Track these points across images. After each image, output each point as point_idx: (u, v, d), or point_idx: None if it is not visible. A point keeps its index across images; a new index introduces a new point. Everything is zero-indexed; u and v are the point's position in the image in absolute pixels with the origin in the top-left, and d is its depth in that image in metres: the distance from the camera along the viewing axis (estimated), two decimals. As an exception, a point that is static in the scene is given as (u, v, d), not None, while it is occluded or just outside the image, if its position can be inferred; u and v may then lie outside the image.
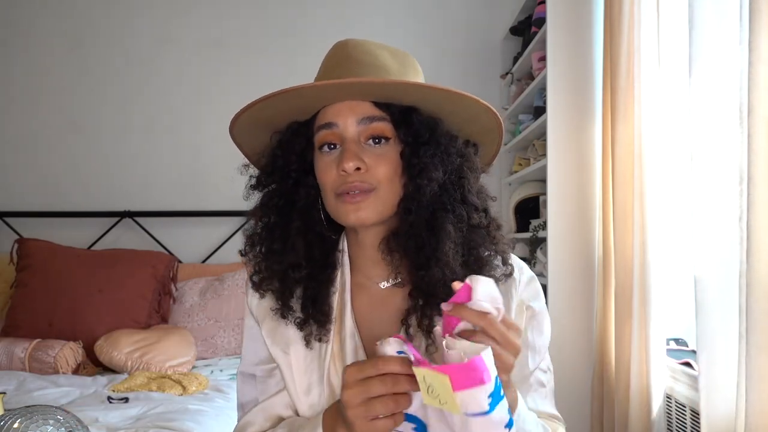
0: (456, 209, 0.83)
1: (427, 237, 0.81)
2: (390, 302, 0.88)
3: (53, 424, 1.16)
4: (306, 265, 0.86)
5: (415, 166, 0.82)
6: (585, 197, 2.37)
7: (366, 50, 0.87)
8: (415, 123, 0.83)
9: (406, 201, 0.83)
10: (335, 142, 0.83)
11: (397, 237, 0.84)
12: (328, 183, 0.83)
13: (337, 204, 0.83)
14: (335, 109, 0.83)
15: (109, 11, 3.23)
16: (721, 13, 1.52)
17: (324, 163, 0.84)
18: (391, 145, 0.83)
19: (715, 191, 1.54)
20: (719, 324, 1.52)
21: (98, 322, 2.52)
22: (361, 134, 0.83)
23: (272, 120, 0.87)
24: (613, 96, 2.04)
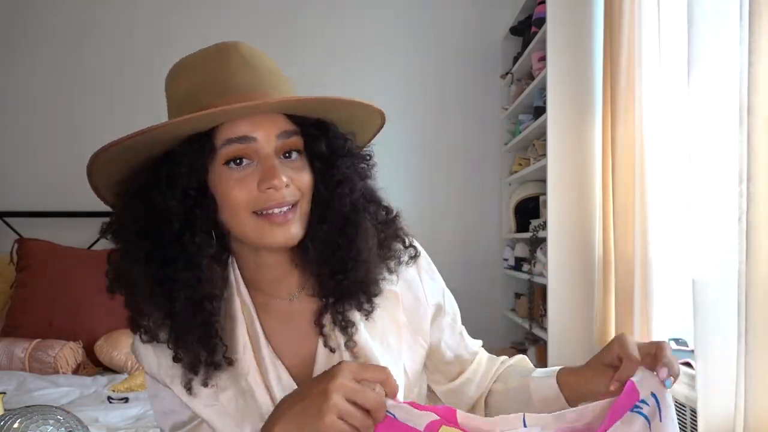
0: (368, 208, 0.85)
1: (342, 241, 0.82)
2: (300, 313, 0.86)
3: (53, 424, 1.16)
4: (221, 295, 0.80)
5: (333, 176, 0.82)
6: (585, 197, 2.37)
7: (256, 55, 0.84)
8: (331, 137, 0.82)
9: (320, 210, 0.82)
10: (248, 156, 0.77)
11: (312, 248, 0.82)
12: (243, 201, 0.76)
13: (259, 224, 0.77)
14: (250, 123, 0.76)
15: (109, 11, 3.23)
16: (720, 13, 1.52)
17: (234, 179, 0.76)
18: (303, 158, 0.81)
19: (715, 191, 1.54)
20: (717, 324, 1.52)
21: (98, 322, 2.52)
22: (278, 149, 0.78)
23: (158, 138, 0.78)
24: (613, 96, 2.04)
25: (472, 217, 3.24)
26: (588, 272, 2.35)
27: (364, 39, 3.20)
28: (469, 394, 0.96)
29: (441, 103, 3.21)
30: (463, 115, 3.24)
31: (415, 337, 0.90)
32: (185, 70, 0.84)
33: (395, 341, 0.88)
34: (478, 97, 3.26)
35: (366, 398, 0.66)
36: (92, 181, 0.83)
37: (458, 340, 0.96)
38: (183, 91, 0.82)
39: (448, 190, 3.21)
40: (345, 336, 0.83)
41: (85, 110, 3.20)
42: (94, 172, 0.81)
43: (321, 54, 3.14)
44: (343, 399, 0.65)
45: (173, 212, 0.76)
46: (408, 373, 0.90)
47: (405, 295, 0.89)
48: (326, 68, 3.14)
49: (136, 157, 0.79)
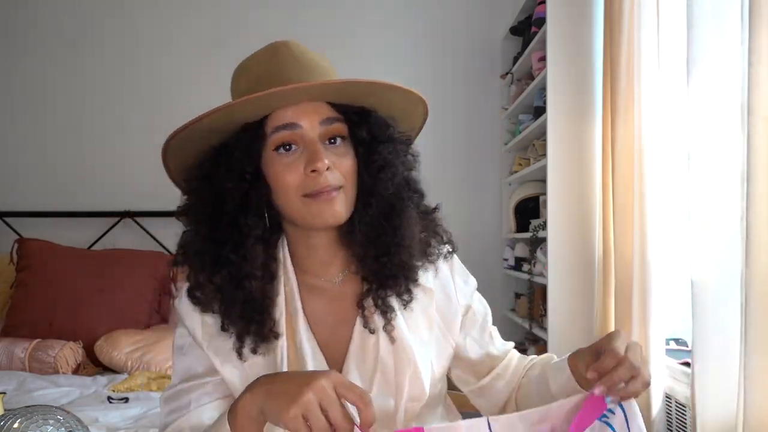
0: (411, 197, 0.89)
1: (387, 226, 0.86)
2: (342, 295, 0.91)
3: (53, 424, 1.16)
4: (262, 274, 0.85)
5: (376, 162, 0.86)
6: (585, 197, 2.37)
7: (305, 53, 0.89)
8: (373, 123, 0.86)
9: (366, 196, 0.86)
10: (294, 142, 0.83)
11: (358, 230, 0.87)
12: (292, 185, 0.82)
13: (307, 205, 0.82)
14: (295, 110, 0.82)
15: (109, 12, 3.23)
16: (720, 13, 1.52)
17: (284, 164, 0.83)
18: (347, 144, 0.86)
19: (714, 191, 1.54)
20: (717, 324, 1.52)
21: (98, 322, 2.52)
22: (322, 135, 0.83)
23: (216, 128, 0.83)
24: (613, 96, 2.04)
25: (472, 217, 3.24)
26: (588, 272, 2.35)
27: (364, 39, 3.20)
28: (499, 389, 0.99)
29: (441, 103, 3.21)
30: (463, 115, 3.24)
31: (444, 335, 0.94)
32: (244, 70, 0.90)
33: (427, 335, 0.92)
34: (478, 97, 3.25)
35: (337, 414, 0.65)
36: (165, 163, 0.90)
37: (488, 340, 1.00)
38: (242, 89, 0.87)
39: (448, 189, 3.21)
40: (384, 320, 0.87)
41: (85, 110, 3.20)
42: (168, 155, 0.88)
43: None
44: (315, 402, 0.65)
45: (230, 195, 0.82)
46: (434, 368, 0.93)
47: (438, 294, 0.94)
48: (326, 68, 3.13)
49: (198, 145, 0.85)
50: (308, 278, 0.91)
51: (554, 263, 2.37)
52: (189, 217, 0.88)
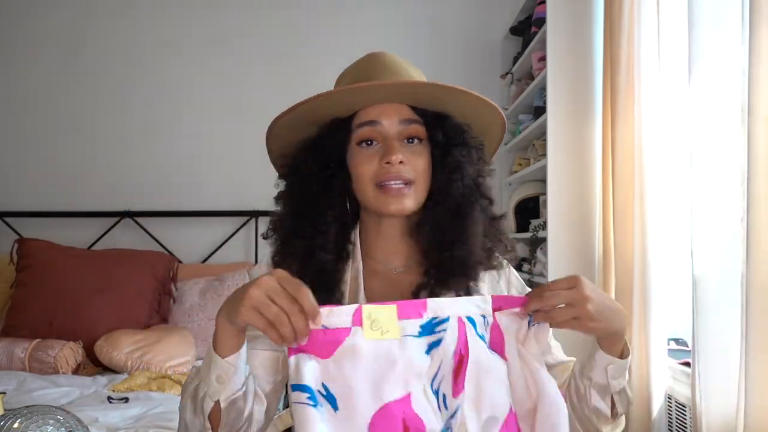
0: (479, 201, 0.97)
1: (453, 224, 0.94)
2: (402, 284, 0.97)
3: (53, 424, 1.16)
4: (333, 249, 0.94)
5: (448, 164, 0.95)
6: (585, 197, 2.36)
7: (397, 63, 0.99)
8: (448, 127, 0.96)
9: (437, 195, 0.95)
10: (375, 138, 0.93)
11: (425, 226, 0.95)
12: (368, 174, 0.93)
13: (379, 194, 0.93)
14: (379, 109, 0.93)
15: (109, 12, 3.23)
16: (720, 13, 1.52)
17: (363, 156, 0.93)
18: (424, 145, 0.95)
19: (715, 191, 1.54)
20: (718, 323, 1.52)
21: (98, 322, 2.52)
22: (400, 133, 0.93)
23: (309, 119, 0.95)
24: (613, 96, 2.04)
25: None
26: (588, 272, 2.35)
27: (364, 39, 3.20)
28: None
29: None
30: (463, 115, 3.23)
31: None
32: (343, 76, 1.01)
33: None
34: (479, 97, 3.25)
35: (283, 301, 0.74)
36: (268, 145, 1.01)
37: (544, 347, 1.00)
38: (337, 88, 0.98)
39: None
40: None
41: (85, 110, 3.20)
42: (270, 140, 0.99)
43: (319, 54, 3.14)
44: (262, 294, 0.74)
45: (314, 180, 0.94)
46: None
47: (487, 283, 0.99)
48: (324, 68, 3.13)
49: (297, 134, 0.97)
50: (373, 263, 0.99)
51: (554, 263, 2.37)
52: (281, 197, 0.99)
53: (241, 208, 3.10)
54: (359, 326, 0.79)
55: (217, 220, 3.14)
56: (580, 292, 0.82)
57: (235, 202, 3.11)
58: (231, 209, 3.11)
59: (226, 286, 2.76)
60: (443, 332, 0.83)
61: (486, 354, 0.84)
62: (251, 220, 3.12)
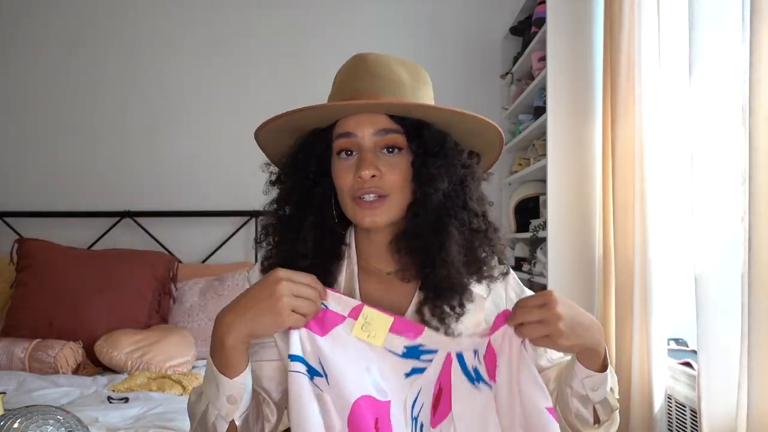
0: (458, 214, 0.93)
1: (432, 238, 0.91)
2: (396, 286, 0.97)
3: (53, 424, 1.15)
4: (311, 256, 0.93)
5: (423, 175, 0.91)
6: (585, 197, 2.37)
7: (383, 64, 0.96)
8: (426, 136, 0.92)
9: (415, 206, 0.92)
10: (353, 149, 0.92)
11: (404, 238, 0.94)
12: (345, 186, 0.92)
13: (354, 207, 0.92)
14: (355, 121, 0.91)
15: (109, 12, 3.23)
16: (720, 13, 1.52)
17: (341, 168, 0.93)
18: (404, 154, 0.92)
19: (716, 190, 1.54)
20: (719, 323, 1.52)
21: (98, 322, 2.52)
22: (377, 144, 0.91)
23: (295, 126, 0.95)
24: (613, 96, 2.04)
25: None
26: (588, 272, 2.35)
27: (364, 39, 3.20)
28: None
29: (441, 103, 3.20)
30: (463, 115, 3.23)
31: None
32: (335, 78, 1.00)
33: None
34: (478, 97, 3.25)
35: (307, 293, 0.82)
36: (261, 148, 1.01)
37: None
38: (330, 94, 0.99)
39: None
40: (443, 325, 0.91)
41: (86, 110, 3.20)
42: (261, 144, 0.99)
43: (318, 54, 3.14)
44: (290, 296, 0.81)
45: (294, 189, 0.95)
46: None
47: (488, 303, 0.98)
48: (324, 68, 3.13)
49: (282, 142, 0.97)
50: (367, 265, 0.99)
51: (554, 263, 2.37)
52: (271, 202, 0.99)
53: (241, 208, 3.10)
54: (353, 320, 0.85)
55: (217, 220, 3.14)
56: (551, 310, 0.83)
57: (235, 202, 3.11)
58: (231, 209, 3.11)
59: (226, 286, 2.76)
60: (429, 363, 0.86)
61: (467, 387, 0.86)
62: (251, 220, 3.12)
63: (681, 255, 2.00)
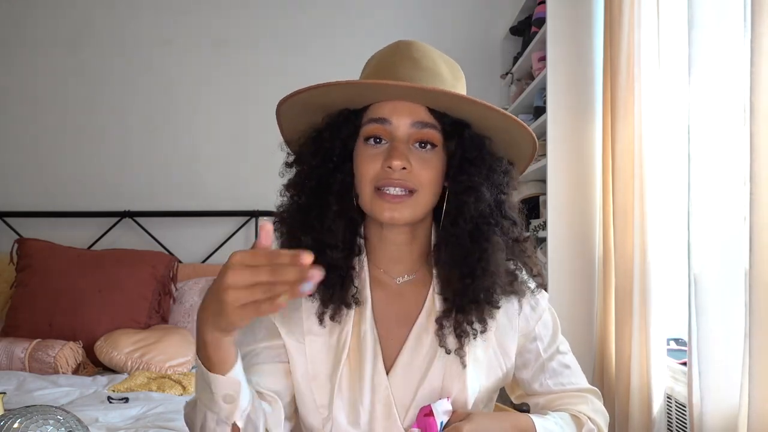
0: (500, 223, 0.88)
1: (472, 248, 0.86)
2: (405, 297, 0.92)
3: (53, 424, 1.15)
4: (343, 247, 0.88)
5: (461, 183, 0.86)
6: (585, 197, 2.37)
7: (427, 55, 0.89)
8: (466, 138, 0.86)
9: (452, 215, 0.87)
10: (383, 137, 0.86)
11: (443, 248, 0.89)
12: (368, 174, 0.85)
13: (375, 198, 0.85)
14: (391, 107, 0.85)
15: (108, 12, 3.23)
16: (720, 13, 1.52)
17: (367, 154, 0.86)
18: (437, 152, 0.87)
19: (716, 191, 1.54)
20: (718, 324, 1.52)
21: (98, 322, 2.52)
22: (411, 136, 0.85)
23: (322, 103, 0.88)
24: (613, 96, 2.04)
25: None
26: (588, 272, 2.35)
27: (363, 39, 3.20)
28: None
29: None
30: (463, 115, 3.23)
31: (497, 358, 0.93)
32: (370, 62, 0.93)
33: (482, 355, 0.92)
34: (478, 97, 3.23)
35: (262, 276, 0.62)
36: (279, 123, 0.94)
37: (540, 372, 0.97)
38: (362, 76, 0.92)
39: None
40: (458, 343, 0.87)
41: (85, 110, 3.20)
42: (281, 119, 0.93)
43: (319, 54, 3.14)
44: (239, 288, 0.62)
45: (316, 172, 0.88)
46: (481, 388, 0.92)
47: (501, 317, 0.92)
48: (324, 68, 3.14)
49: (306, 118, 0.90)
50: (377, 272, 0.93)
51: (554, 263, 2.37)
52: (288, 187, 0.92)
53: (241, 208, 3.10)
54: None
55: (217, 220, 3.14)
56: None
57: (235, 202, 3.11)
58: (231, 209, 3.11)
59: (226, 286, 2.76)
60: None
61: None
62: (251, 220, 3.12)
63: (681, 255, 1.99)
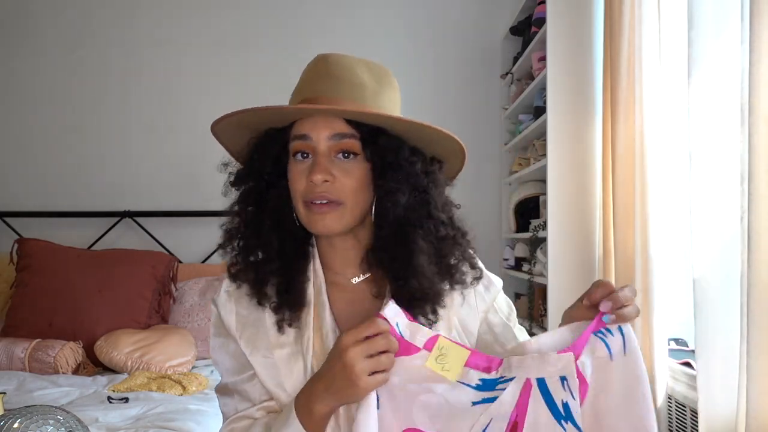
0: (423, 224, 0.91)
1: (399, 251, 0.90)
2: (362, 296, 0.96)
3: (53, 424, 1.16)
4: (277, 258, 0.92)
5: (381, 187, 0.90)
6: (585, 197, 2.37)
7: (345, 66, 0.93)
8: (381, 145, 0.89)
9: (377, 218, 0.92)
10: (308, 151, 0.90)
11: (374, 252, 0.93)
12: (298, 190, 0.90)
13: (306, 212, 0.90)
14: (310, 123, 0.89)
15: (108, 12, 3.23)
16: (720, 12, 1.52)
17: (296, 170, 0.90)
18: (359, 160, 0.90)
19: (716, 191, 1.54)
20: (718, 324, 1.52)
21: (98, 322, 2.52)
22: (331, 148, 0.89)
23: (252, 124, 0.93)
24: (613, 96, 2.04)
25: (472, 217, 3.20)
26: (588, 272, 2.35)
27: (364, 39, 3.20)
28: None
29: (441, 103, 3.21)
30: (463, 115, 3.23)
31: (460, 337, 0.96)
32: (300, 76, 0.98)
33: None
34: (478, 97, 3.25)
35: (379, 346, 0.77)
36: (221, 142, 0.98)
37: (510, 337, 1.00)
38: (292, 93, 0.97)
39: (448, 189, 3.21)
40: None
41: (85, 110, 3.20)
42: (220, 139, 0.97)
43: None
44: (363, 359, 0.76)
45: (250, 190, 0.94)
46: None
47: (457, 298, 0.97)
48: (326, 68, 3.14)
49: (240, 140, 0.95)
50: (332, 275, 0.97)
51: (554, 263, 2.37)
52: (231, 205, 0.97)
53: (241, 208, 3.09)
54: (428, 351, 0.80)
55: (217, 220, 3.10)
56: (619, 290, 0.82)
57: (235, 202, 3.11)
58: (231, 209, 3.11)
59: (226, 286, 2.76)
60: (501, 391, 0.78)
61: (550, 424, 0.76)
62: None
63: (681, 255, 2.00)
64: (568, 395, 0.76)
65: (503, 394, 0.77)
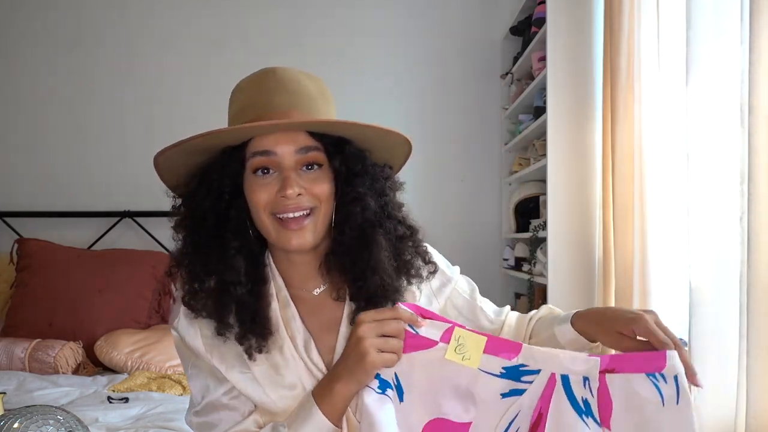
0: (384, 224, 0.94)
1: (361, 252, 0.92)
2: (324, 307, 0.98)
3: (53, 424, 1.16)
4: (246, 281, 0.91)
5: (348, 194, 0.92)
6: (585, 197, 2.36)
7: (292, 78, 0.93)
8: (347, 154, 0.92)
9: (340, 224, 0.93)
10: (271, 167, 0.89)
11: (333, 256, 0.94)
12: (261, 202, 0.89)
13: (278, 228, 0.90)
14: (273, 139, 0.88)
15: (109, 12, 3.23)
16: (719, 12, 1.52)
17: (258, 184, 0.89)
18: (324, 170, 0.92)
19: (714, 192, 1.54)
20: (715, 325, 1.52)
21: (98, 322, 2.52)
22: (297, 162, 0.90)
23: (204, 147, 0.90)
24: (613, 96, 2.04)
25: (472, 217, 3.24)
26: (588, 272, 2.35)
27: (363, 39, 3.20)
28: None
29: (441, 103, 3.21)
30: (463, 115, 3.23)
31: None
32: (238, 91, 0.96)
33: None
34: (478, 97, 3.25)
35: (390, 328, 0.83)
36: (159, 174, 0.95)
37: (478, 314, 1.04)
38: (235, 109, 0.96)
39: (448, 189, 3.21)
40: None
41: (85, 110, 3.20)
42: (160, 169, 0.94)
43: (319, 54, 3.14)
44: (373, 336, 0.81)
45: (209, 212, 0.91)
46: None
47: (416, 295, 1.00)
48: (325, 69, 3.14)
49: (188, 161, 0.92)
50: (294, 290, 0.98)
51: (554, 263, 2.37)
52: (180, 230, 0.95)
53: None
54: (446, 344, 0.83)
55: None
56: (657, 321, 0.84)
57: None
58: (231, 209, 3.11)
59: (226, 286, 2.76)
60: (529, 384, 0.81)
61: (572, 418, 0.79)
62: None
63: (681, 255, 1.99)
64: (588, 393, 0.80)
65: (530, 387, 0.81)
